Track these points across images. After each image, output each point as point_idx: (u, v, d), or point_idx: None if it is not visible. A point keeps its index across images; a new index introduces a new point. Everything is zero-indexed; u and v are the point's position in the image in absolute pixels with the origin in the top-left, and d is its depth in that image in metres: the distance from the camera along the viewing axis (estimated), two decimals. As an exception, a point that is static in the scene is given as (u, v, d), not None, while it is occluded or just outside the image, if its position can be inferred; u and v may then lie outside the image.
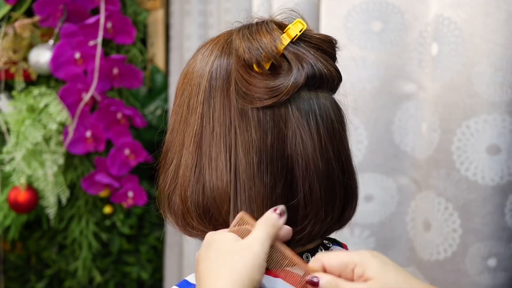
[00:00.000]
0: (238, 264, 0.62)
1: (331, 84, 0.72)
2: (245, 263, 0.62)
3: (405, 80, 1.21)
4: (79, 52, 1.48)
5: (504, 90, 1.08)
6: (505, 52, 1.07)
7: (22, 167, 1.48)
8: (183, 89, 0.74)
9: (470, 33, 1.09)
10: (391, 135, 1.23)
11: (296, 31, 0.69)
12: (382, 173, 1.24)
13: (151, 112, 1.67)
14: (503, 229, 1.12)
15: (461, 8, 1.09)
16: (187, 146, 0.72)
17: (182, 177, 0.72)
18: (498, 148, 1.10)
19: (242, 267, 0.62)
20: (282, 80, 0.68)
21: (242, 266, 0.62)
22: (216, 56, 0.72)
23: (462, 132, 1.12)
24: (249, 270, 0.62)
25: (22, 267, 1.71)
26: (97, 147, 1.53)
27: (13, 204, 1.51)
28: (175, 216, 0.74)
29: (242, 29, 0.72)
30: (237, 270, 0.62)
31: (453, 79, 1.12)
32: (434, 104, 1.16)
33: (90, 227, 1.60)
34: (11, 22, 1.51)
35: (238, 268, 0.62)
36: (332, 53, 0.73)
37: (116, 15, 1.50)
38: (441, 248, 1.16)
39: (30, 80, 1.57)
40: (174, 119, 0.75)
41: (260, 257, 0.63)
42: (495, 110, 1.09)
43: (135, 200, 1.56)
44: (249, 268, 0.62)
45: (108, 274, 1.65)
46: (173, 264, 1.66)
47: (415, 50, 1.19)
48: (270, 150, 0.68)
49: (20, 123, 1.48)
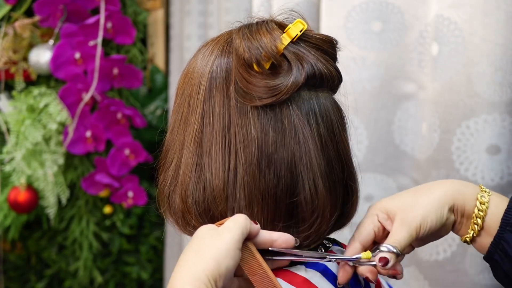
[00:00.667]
0: (205, 249, 0.62)
1: (331, 84, 0.72)
2: (211, 247, 0.62)
3: (405, 80, 1.21)
4: (79, 52, 1.48)
5: (504, 90, 1.08)
6: (505, 52, 1.07)
7: (22, 167, 1.48)
8: (183, 88, 0.74)
9: (470, 33, 1.09)
10: (391, 135, 1.23)
11: (296, 31, 0.69)
12: (382, 173, 1.24)
13: (151, 112, 1.67)
14: (503, 229, 1.12)
15: (461, 8, 1.10)
16: (187, 145, 0.72)
17: (182, 177, 0.72)
18: (498, 148, 1.10)
19: (207, 251, 0.61)
20: (282, 79, 0.68)
21: (207, 250, 0.62)
22: (216, 55, 0.72)
23: (462, 132, 1.12)
24: (214, 254, 0.61)
25: (22, 267, 1.71)
26: (97, 147, 1.53)
27: (13, 204, 1.51)
28: (175, 216, 0.74)
29: (242, 29, 0.72)
30: (202, 255, 0.61)
31: (453, 79, 1.12)
32: (434, 104, 1.16)
33: (90, 227, 1.60)
34: (11, 22, 1.51)
35: (204, 252, 0.61)
36: (333, 53, 0.74)
37: (116, 15, 1.50)
38: (441, 248, 1.16)
39: (30, 80, 1.57)
40: (174, 119, 0.75)
41: (227, 243, 0.62)
42: (495, 110, 1.09)
43: (135, 200, 1.56)
44: (214, 252, 0.61)
45: (108, 274, 1.65)
46: (173, 264, 1.66)
47: (415, 50, 1.19)
48: (270, 149, 0.68)
49: (20, 123, 1.48)
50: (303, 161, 0.69)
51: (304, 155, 0.69)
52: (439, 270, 1.17)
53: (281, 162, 0.68)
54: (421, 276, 1.20)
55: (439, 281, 1.17)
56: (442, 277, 1.16)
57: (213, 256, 0.61)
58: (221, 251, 0.61)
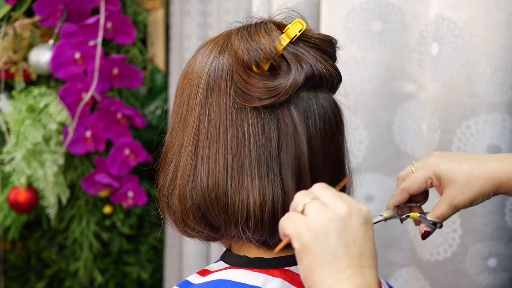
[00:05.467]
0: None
1: (331, 84, 0.72)
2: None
3: (405, 80, 1.21)
4: (79, 52, 1.48)
5: (504, 90, 1.08)
6: (505, 52, 1.07)
7: (22, 167, 1.48)
8: (182, 89, 0.74)
9: (470, 33, 1.09)
10: (391, 135, 1.22)
11: (295, 31, 0.69)
12: (383, 173, 1.23)
13: (151, 112, 1.67)
14: (503, 229, 1.12)
15: (461, 8, 1.09)
16: (186, 147, 0.72)
17: (180, 178, 0.72)
18: (498, 148, 1.10)
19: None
20: (281, 80, 0.68)
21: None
22: (215, 56, 0.72)
23: (462, 132, 1.12)
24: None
25: (22, 267, 1.71)
26: (97, 147, 1.53)
27: (13, 204, 1.51)
28: (173, 217, 0.74)
29: (241, 30, 0.72)
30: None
31: (453, 79, 1.12)
32: (434, 104, 1.15)
33: (90, 227, 1.60)
34: (11, 22, 1.51)
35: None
36: (332, 53, 0.73)
37: (116, 15, 1.50)
38: (441, 248, 1.16)
39: (30, 80, 1.57)
40: (173, 120, 0.75)
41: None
42: (495, 110, 1.09)
43: (135, 200, 1.56)
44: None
45: (108, 274, 1.65)
46: (173, 264, 1.66)
47: (415, 50, 1.19)
48: (269, 150, 0.68)
49: (20, 123, 1.48)
50: (302, 161, 0.68)
51: (304, 155, 0.69)
52: (439, 270, 1.17)
53: (278, 165, 0.68)
54: (421, 276, 1.20)
55: (439, 281, 1.17)
56: (442, 277, 1.16)
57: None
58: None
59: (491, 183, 0.76)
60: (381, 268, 1.23)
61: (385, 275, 1.24)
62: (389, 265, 1.25)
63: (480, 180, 0.76)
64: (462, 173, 0.76)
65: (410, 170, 0.82)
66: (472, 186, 0.76)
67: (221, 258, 0.76)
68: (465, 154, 0.82)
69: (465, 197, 0.76)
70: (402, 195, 0.81)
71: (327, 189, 0.63)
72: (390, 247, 1.24)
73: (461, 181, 0.76)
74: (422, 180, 0.79)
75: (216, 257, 1.47)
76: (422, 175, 0.79)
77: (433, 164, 0.78)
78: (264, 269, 0.70)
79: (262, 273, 0.70)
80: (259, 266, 0.71)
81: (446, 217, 0.78)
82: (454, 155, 0.81)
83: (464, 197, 0.76)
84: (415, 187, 0.79)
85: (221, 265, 0.74)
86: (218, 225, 0.71)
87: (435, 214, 0.78)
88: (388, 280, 1.25)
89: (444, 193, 0.78)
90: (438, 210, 0.78)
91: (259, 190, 0.68)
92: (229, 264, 0.73)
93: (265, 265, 0.71)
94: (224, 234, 0.73)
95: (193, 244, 1.53)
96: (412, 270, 1.22)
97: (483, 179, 0.76)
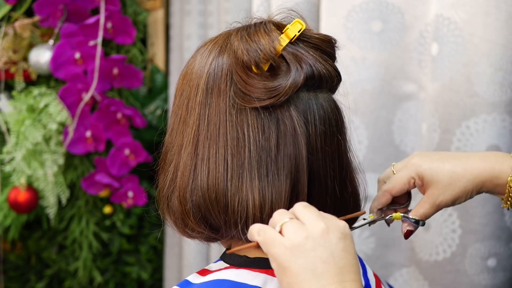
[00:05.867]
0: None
1: (330, 84, 0.72)
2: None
3: (405, 80, 1.21)
4: (79, 52, 1.48)
5: (504, 90, 1.08)
6: (505, 52, 1.07)
7: (22, 167, 1.48)
8: (182, 89, 0.74)
9: (470, 33, 1.09)
10: (391, 135, 1.22)
11: (294, 32, 0.69)
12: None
13: (151, 112, 1.67)
14: (502, 229, 1.12)
15: (461, 8, 1.09)
16: (185, 147, 0.72)
17: (180, 178, 0.72)
18: (498, 148, 1.10)
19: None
20: (281, 80, 0.68)
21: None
22: (214, 57, 0.72)
23: (462, 132, 1.12)
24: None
25: (22, 267, 1.71)
26: (97, 147, 1.53)
27: (13, 204, 1.51)
28: (174, 217, 0.74)
29: (240, 30, 0.71)
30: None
31: (453, 79, 1.12)
32: (434, 104, 1.15)
33: (90, 227, 1.60)
34: (11, 22, 1.51)
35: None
36: (332, 53, 0.73)
37: (116, 15, 1.50)
38: (440, 248, 1.16)
39: (30, 80, 1.57)
40: (173, 120, 0.75)
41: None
42: (495, 110, 1.09)
43: (135, 200, 1.56)
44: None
45: (108, 274, 1.65)
46: (173, 264, 1.66)
47: (415, 50, 1.19)
48: (269, 151, 0.68)
49: (20, 123, 1.48)
50: (302, 161, 0.68)
51: (301, 156, 0.69)
52: (438, 271, 1.17)
53: (278, 165, 0.68)
54: (420, 277, 1.20)
55: (438, 281, 1.17)
56: (441, 277, 1.16)
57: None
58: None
59: (475, 182, 0.75)
60: (381, 268, 1.23)
61: (385, 275, 1.24)
62: (389, 265, 1.25)
63: (463, 179, 0.75)
64: (445, 172, 0.75)
65: (390, 172, 0.81)
66: (455, 185, 0.75)
67: (221, 258, 0.76)
68: (447, 153, 0.81)
69: (448, 196, 0.75)
70: (384, 197, 0.80)
71: (306, 207, 0.63)
72: (389, 247, 1.24)
73: (444, 180, 0.75)
74: (405, 181, 0.78)
75: (216, 257, 1.47)
76: (404, 175, 0.78)
77: (415, 164, 0.77)
78: (264, 269, 0.70)
79: (262, 273, 0.70)
80: (259, 266, 0.71)
81: (428, 216, 0.77)
82: (436, 154, 0.80)
83: (447, 196, 0.75)
84: (397, 188, 0.78)
85: (221, 265, 0.74)
86: (218, 226, 0.71)
87: (417, 213, 0.77)
88: (388, 280, 1.25)
89: (426, 192, 0.77)
90: (421, 209, 0.77)
91: (258, 190, 0.68)
92: (229, 264, 0.73)
93: (265, 265, 0.71)
94: (224, 235, 0.73)
95: (193, 244, 1.53)
96: (411, 270, 1.22)
97: (467, 178, 0.75)
